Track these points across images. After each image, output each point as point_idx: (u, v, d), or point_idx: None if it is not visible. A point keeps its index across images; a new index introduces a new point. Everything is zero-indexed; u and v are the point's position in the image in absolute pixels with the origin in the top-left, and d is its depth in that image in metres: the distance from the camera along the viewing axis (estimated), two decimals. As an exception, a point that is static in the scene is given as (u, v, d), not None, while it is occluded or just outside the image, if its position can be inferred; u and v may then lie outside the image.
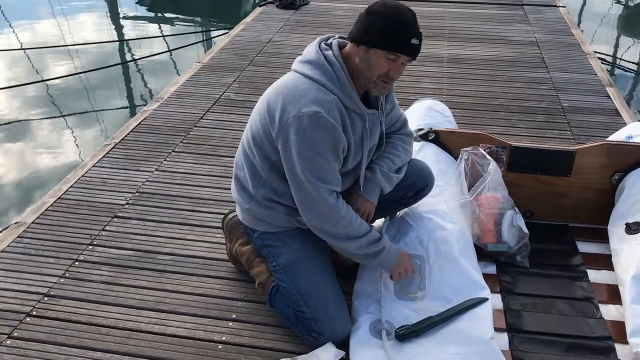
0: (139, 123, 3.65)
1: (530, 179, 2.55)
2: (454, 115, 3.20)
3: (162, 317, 2.13)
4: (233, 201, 2.41)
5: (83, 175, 3.06)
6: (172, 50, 6.99)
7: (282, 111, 1.82)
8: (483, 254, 2.34)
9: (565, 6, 6.35)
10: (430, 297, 2.07)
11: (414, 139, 2.32)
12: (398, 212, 2.33)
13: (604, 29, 8.15)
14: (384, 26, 1.76)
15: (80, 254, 2.46)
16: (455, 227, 2.24)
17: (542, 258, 2.40)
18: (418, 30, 1.80)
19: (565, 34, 5.42)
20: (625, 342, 1.96)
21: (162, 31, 7.98)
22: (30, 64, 6.49)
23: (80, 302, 2.20)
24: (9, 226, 2.73)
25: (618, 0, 9.53)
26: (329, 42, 1.92)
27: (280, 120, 1.82)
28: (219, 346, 2.01)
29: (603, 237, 2.44)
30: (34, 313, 2.15)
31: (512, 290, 2.24)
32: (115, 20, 8.55)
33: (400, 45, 1.77)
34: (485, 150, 2.45)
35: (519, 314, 2.12)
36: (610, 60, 7.04)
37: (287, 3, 6.22)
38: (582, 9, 9.09)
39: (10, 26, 7.95)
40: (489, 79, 4.39)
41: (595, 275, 2.31)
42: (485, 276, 2.20)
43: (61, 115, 5.33)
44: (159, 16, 8.78)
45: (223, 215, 2.39)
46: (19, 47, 7.00)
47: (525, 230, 2.36)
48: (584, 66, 4.62)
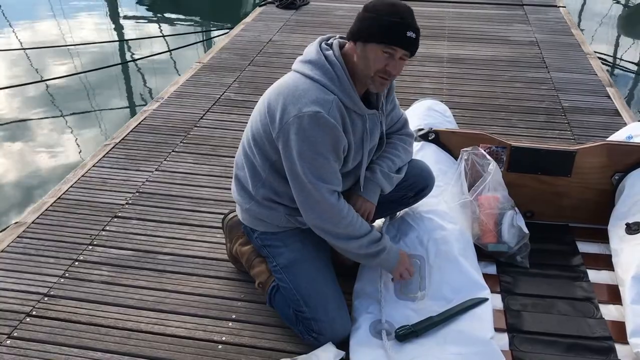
0: (139, 123, 3.65)
1: (530, 179, 2.55)
2: (454, 115, 3.20)
3: (162, 317, 2.13)
4: (233, 201, 2.41)
5: (83, 175, 3.05)
6: (172, 50, 6.99)
7: (283, 111, 1.82)
8: (483, 254, 2.34)
9: (565, 6, 6.35)
10: (431, 297, 2.07)
11: (414, 139, 2.32)
12: (398, 212, 2.33)
13: (604, 29, 8.15)
14: (379, 20, 1.77)
15: (80, 254, 2.46)
16: (455, 227, 2.24)
17: (542, 258, 2.40)
18: (414, 25, 1.80)
19: (566, 34, 5.42)
20: (626, 343, 1.96)
21: (162, 31, 7.97)
22: (30, 64, 6.49)
23: (80, 302, 2.20)
24: (9, 226, 2.72)
25: (617, 1, 9.53)
26: (329, 42, 1.92)
27: (281, 120, 1.82)
28: (219, 346, 2.01)
29: (603, 237, 2.44)
30: (34, 313, 2.14)
31: (512, 290, 2.24)
32: (115, 20, 8.55)
33: (396, 38, 1.77)
34: (485, 151, 2.45)
35: (519, 314, 2.12)
36: (611, 60, 7.04)
37: (287, 3, 6.22)
38: (582, 9, 9.09)
39: (10, 26, 7.95)
40: (489, 79, 4.39)
41: (596, 276, 2.31)
42: (485, 276, 2.20)
43: (61, 115, 5.32)
44: (159, 16, 8.78)
45: (223, 215, 2.38)
46: (19, 47, 7.00)
47: (526, 230, 2.36)
48: (584, 66, 4.62)
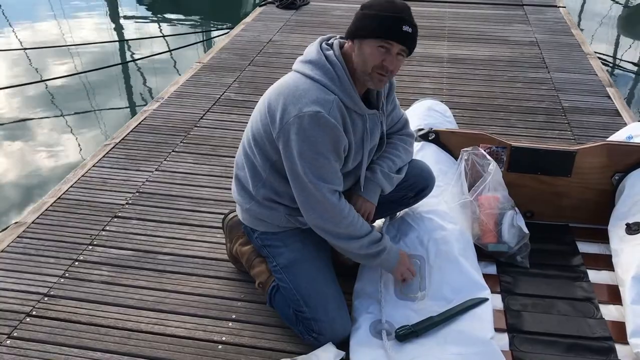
0: (139, 123, 3.65)
1: (530, 179, 2.55)
2: (454, 115, 3.20)
3: (162, 317, 2.12)
4: (233, 201, 2.41)
5: (83, 175, 3.05)
6: (172, 50, 6.99)
7: (283, 111, 1.82)
8: (483, 254, 2.34)
9: (565, 6, 6.35)
10: (431, 298, 2.07)
11: (414, 139, 2.32)
12: (398, 213, 2.33)
13: (604, 29, 8.16)
14: (375, 16, 1.79)
15: (80, 254, 2.46)
16: (455, 228, 2.24)
17: (543, 258, 2.39)
18: (411, 20, 1.80)
19: (566, 34, 5.42)
20: (626, 343, 1.96)
21: (162, 31, 7.98)
22: (30, 64, 6.49)
23: (80, 302, 2.20)
24: (9, 226, 2.72)
25: (616, 1, 9.52)
26: (330, 42, 1.92)
27: (281, 120, 1.82)
28: (219, 346, 2.01)
29: (603, 238, 2.44)
30: (34, 313, 2.14)
31: (513, 290, 2.24)
32: (115, 20, 8.55)
33: (392, 33, 1.77)
34: (485, 151, 2.45)
35: (519, 314, 2.12)
36: (611, 60, 7.05)
37: (287, 3, 6.22)
38: (582, 9, 9.09)
39: (10, 25, 7.95)
40: (489, 79, 4.39)
41: (596, 276, 2.31)
42: (485, 276, 2.19)
43: (61, 115, 5.32)
44: (159, 16, 8.78)
45: (223, 215, 2.38)
46: (19, 47, 7.00)
47: (526, 230, 2.36)
48: (584, 66, 4.62)
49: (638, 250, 2.16)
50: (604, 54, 6.92)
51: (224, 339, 2.04)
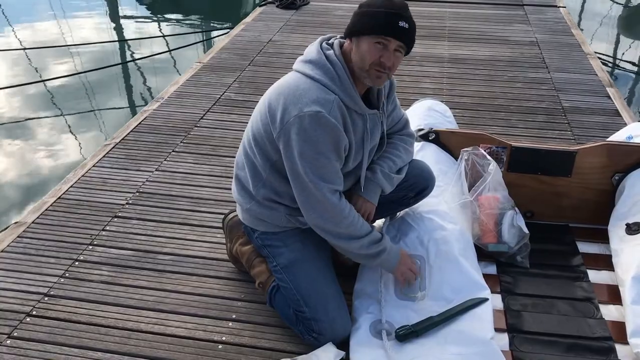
0: (139, 123, 3.65)
1: (530, 179, 2.55)
2: (454, 115, 3.20)
3: (162, 317, 2.12)
4: (233, 201, 2.41)
5: (83, 175, 3.05)
6: (172, 50, 6.99)
7: (284, 111, 1.82)
8: (483, 254, 2.34)
9: (565, 6, 6.36)
10: (431, 298, 2.07)
11: (415, 139, 2.32)
12: (398, 213, 2.33)
13: (604, 29, 8.16)
14: (370, 13, 1.80)
15: (81, 253, 2.46)
16: (455, 228, 2.24)
17: (543, 258, 2.39)
18: (407, 15, 1.80)
19: (566, 34, 5.42)
20: (626, 343, 1.96)
21: (162, 31, 7.98)
22: (30, 64, 6.49)
23: (80, 302, 2.20)
24: (9, 226, 2.72)
25: (614, 1, 9.51)
26: (330, 42, 1.92)
27: (282, 120, 1.82)
28: (219, 346, 2.01)
29: (603, 238, 2.44)
30: (34, 313, 2.14)
31: (513, 290, 2.24)
32: (115, 20, 8.55)
33: (388, 28, 1.78)
34: (485, 151, 2.45)
35: (520, 314, 2.12)
36: (611, 60, 7.05)
37: (288, 3, 6.22)
38: (582, 9, 9.09)
39: (9, 25, 7.94)
40: (489, 79, 4.39)
41: (596, 276, 2.31)
42: (485, 276, 2.19)
43: (61, 115, 5.32)
44: (159, 16, 8.78)
45: (223, 215, 2.38)
46: (19, 47, 7.00)
47: (526, 230, 2.36)
48: (584, 66, 4.62)
49: (638, 251, 2.16)
50: (604, 54, 6.92)
51: (224, 338, 2.04)
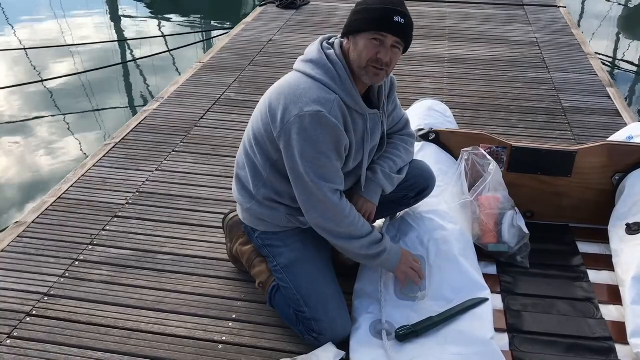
0: (139, 123, 3.65)
1: (530, 179, 2.55)
2: (454, 115, 3.20)
3: (162, 317, 2.12)
4: (233, 201, 2.41)
5: (83, 175, 3.05)
6: (172, 50, 6.99)
7: (284, 111, 1.82)
8: (483, 254, 2.34)
9: (565, 6, 6.35)
10: (431, 298, 2.07)
11: (415, 140, 2.32)
12: (398, 213, 2.33)
13: (604, 29, 8.15)
14: (366, 10, 1.81)
15: (81, 253, 2.46)
16: (455, 228, 2.24)
17: (543, 258, 2.39)
18: (403, 11, 1.80)
19: (566, 34, 5.42)
20: (626, 343, 1.96)
21: (162, 31, 7.97)
22: (31, 63, 6.49)
23: (80, 302, 2.19)
24: (9, 226, 2.72)
25: (611, 0, 9.51)
26: (331, 42, 1.92)
27: (282, 120, 1.82)
28: (219, 346, 2.00)
29: (603, 238, 2.44)
30: (34, 313, 2.14)
31: (513, 290, 2.23)
32: (116, 19, 8.55)
33: (383, 24, 1.78)
34: (485, 151, 2.45)
35: (520, 314, 2.12)
36: (611, 60, 7.04)
37: (288, 3, 6.22)
38: (583, 9, 9.09)
39: (8, 24, 7.94)
40: (489, 79, 4.39)
41: (596, 276, 2.31)
42: (485, 276, 2.19)
43: (61, 114, 5.32)
44: (158, 16, 8.79)
45: (223, 215, 2.38)
46: (19, 47, 7.00)
47: (526, 230, 2.36)
48: (584, 66, 4.62)
49: (638, 251, 2.16)
50: (604, 55, 6.92)
51: (224, 338, 2.04)
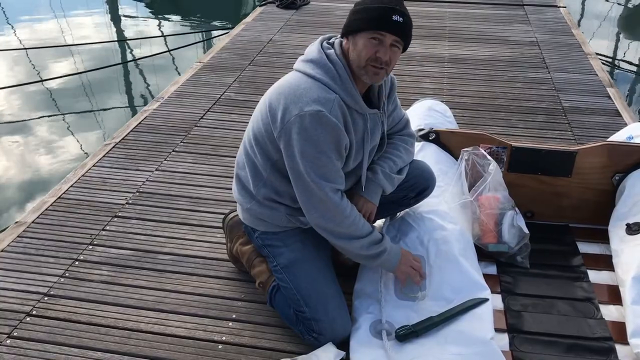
0: (139, 123, 3.65)
1: (530, 179, 2.55)
2: (454, 115, 3.20)
3: (162, 317, 2.12)
4: (233, 201, 2.41)
5: (83, 175, 3.05)
6: (172, 50, 6.99)
7: (284, 110, 1.82)
8: (483, 254, 2.34)
9: (565, 6, 6.35)
10: (431, 298, 2.07)
11: (415, 140, 2.32)
12: (398, 213, 2.33)
13: (604, 29, 8.16)
14: (364, 9, 1.81)
15: (81, 253, 2.46)
16: (455, 228, 2.24)
17: (543, 258, 2.39)
18: (401, 9, 1.81)
19: (566, 34, 5.42)
20: (626, 343, 1.96)
21: (162, 31, 7.97)
22: (31, 63, 6.49)
23: (80, 302, 2.19)
24: (9, 226, 2.72)
25: (609, 0, 9.51)
26: (331, 42, 1.92)
27: (282, 120, 1.82)
28: (219, 346, 2.00)
29: (603, 238, 2.44)
30: (34, 313, 2.14)
31: (513, 290, 2.23)
32: (116, 19, 8.55)
33: (382, 23, 1.78)
34: (485, 151, 2.45)
35: (520, 314, 2.12)
36: (611, 60, 7.04)
37: (288, 3, 6.22)
38: (583, 9, 9.09)
39: (8, 24, 7.94)
40: (489, 79, 4.39)
41: (596, 276, 2.31)
42: (485, 276, 2.19)
43: (61, 114, 5.32)
44: (158, 16, 8.79)
45: (223, 215, 2.38)
46: (19, 47, 7.00)
47: (526, 230, 2.36)
48: (584, 66, 4.62)
49: (638, 251, 2.16)
50: (604, 55, 6.92)
51: (224, 338, 2.04)
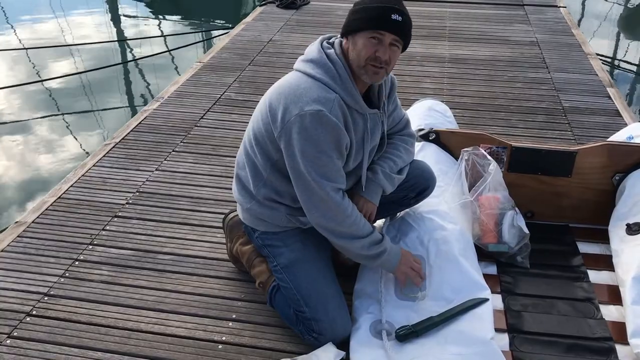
0: (140, 122, 3.65)
1: (530, 179, 2.55)
2: (454, 115, 3.20)
3: (162, 317, 2.12)
4: (234, 201, 2.41)
5: (83, 175, 3.05)
6: (172, 50, 6.99)
7: (284, 110, 1.82)
8: (483, 254, 2.34)
9: (565, 6, 6.36)
10: (431, 298, 2.07)
11: (415, 140, 2.32)
12: (398, 213, 2.33)
13: (604, 29, 8.16)
14: (363, 9, 1.81)
15: (81, 253, 2.46)
16: (455, 228, 2.24)
17: (543, 258, 2.39)
18: (400, 8, 1.81)
19: (566, 34, 5.42)
20: (626, 343, 1.96)
21: (162, 31, 7.97)
22: (31, 63, 6.49)
23: (80, 302, 2.19)
24: (9, 226, 2.72)
25: (608, 0, 9.52)
26: (331, 41, 1.92)
27: (283, 120, 1.82)
28: (219, 346, 2.00)
29: (603, 238, 2.44)
30: (34, 313, 2.14)
31: (513, 290, 2.23)
32: (116, 19, 8.55)
33: (381, 22, 1.78)
34: (485, 151, 2.45)
35: (520, 314, 2.12)
36: (611, 60, 7.04)
37: (288, 3, 6.22)
38: (583, 9, 9.09)
39: (8, 23, 7.94)
40: (489, 79, 4.39)
41: (596, 276, 2.31)
42: (485, 276, 2.19)
43: (61, 114, 5.32)
44: (158, 16, 8.79)
45: (224, 215, 2.38)
46: (19, 47, 7.00)
47: (526, 230, 2.36)
48: (584, 66, 4.62)
49: (638, 251, 2.16)
50: (604, 55, 6.92)
51: (224, 338, 2.04)
